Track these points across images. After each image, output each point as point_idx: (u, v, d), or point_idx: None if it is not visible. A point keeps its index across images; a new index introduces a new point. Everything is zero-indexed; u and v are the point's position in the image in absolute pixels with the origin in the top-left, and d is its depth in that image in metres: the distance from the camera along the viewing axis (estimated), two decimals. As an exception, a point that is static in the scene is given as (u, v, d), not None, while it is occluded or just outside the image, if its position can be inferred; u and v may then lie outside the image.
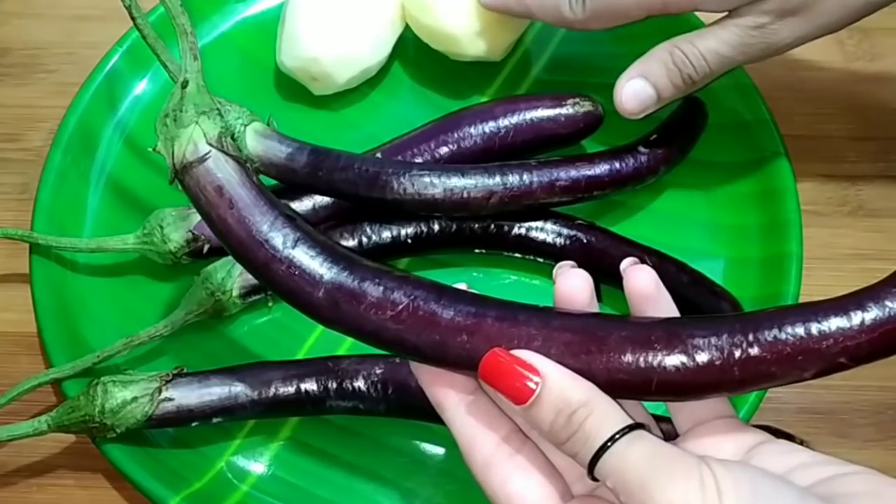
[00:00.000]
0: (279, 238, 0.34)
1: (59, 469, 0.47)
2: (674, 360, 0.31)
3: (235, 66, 0.57)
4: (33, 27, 0.61)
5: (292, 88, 0.56)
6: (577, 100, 0.51)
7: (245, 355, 0.46)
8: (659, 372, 0.31)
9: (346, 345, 0.49)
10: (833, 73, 0.59)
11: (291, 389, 0.44)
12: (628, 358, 0.31)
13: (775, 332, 0.30)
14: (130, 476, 0.43)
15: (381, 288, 0.33)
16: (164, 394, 0.43)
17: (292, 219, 0.35)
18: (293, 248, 0.34)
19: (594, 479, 0.30)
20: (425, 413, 0.45)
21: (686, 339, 0.31)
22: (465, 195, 0.47)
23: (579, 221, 0.50)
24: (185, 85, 0.37)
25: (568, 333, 0.32)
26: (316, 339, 0.49)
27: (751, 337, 0.30)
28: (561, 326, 0.32)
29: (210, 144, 0.36)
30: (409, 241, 0.49)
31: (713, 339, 0.30)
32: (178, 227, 0.48)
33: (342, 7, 0.53)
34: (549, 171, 0.48)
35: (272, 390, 0.44)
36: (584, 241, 0.49)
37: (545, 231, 0.49)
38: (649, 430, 0.30)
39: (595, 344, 0.31)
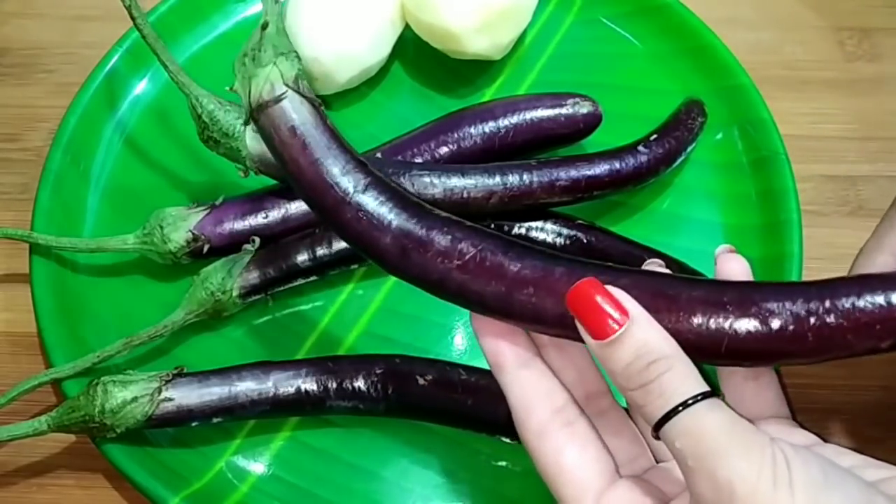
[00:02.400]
0: (350, 182, 0.34)
1: (59, 469, 0.47)
2: (746, 323, 0.30)
3: (235, 66, 0.57)
4: (33, 27, 0.61)
5: (292, 88, 0.56)
6: (577, 100, 0.51)
7: (245, 355, 0.46)
8: (730, 335, 0.30)
9: (346, 345, 0.49)
10: (833, 73, 0.59)
11: (291, 389, 0.44)
12: (698, 319, 0.30)
13: (853, 299, 0.29)
14: (130, 476, 0.43)
15: (449, 237, 0.33)
16: (164, 394, 0.43)
17: (364, 164, 0.35)
18: (363, 192, 0.34)
19: (657, 436, 0.30)
20: (425, 413, 0.45)
21: (760, 303, 0.30)
22: (465, 195, 0.47)
23: (579, 221, 0.50)
24: (265, 26, 0.37)
25: (636, 290, 0.31)
26: (316, 339, 0.49)
27: (827, 304, 0.29)
28: (630, 284, 0.31)
29: (287, 85, 0.36)
30: (409, 241, 0.49)
31: (788, 305, 0.30)
32: (178, 227, 0.48)
33: (342, 7, 0.53)
34: (549, 171, 0.48)
35: (272, 390, 0.44)
36: (584, 241, 0.49)
37: (545, 231, 0.49)
38: (726, 402, 0.30)
39: (665, 302, 0.31)
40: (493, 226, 0.49)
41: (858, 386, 0.48)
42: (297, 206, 0.49)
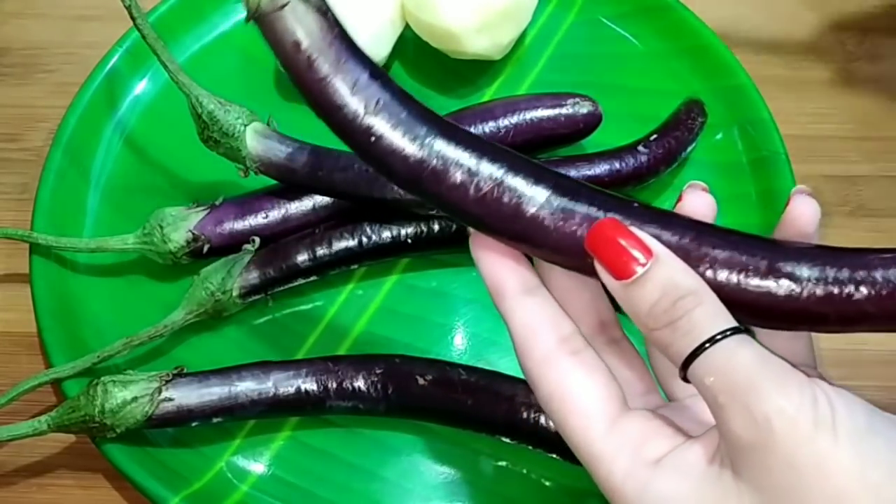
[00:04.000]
0: (360, 102, 0.31)
1: (59, 469, 0.47)
2: (772, 285, 0.29)
3: (235, 66, 0.57)
4: (33, 27, 0.61)
5: (292, 88, 0.55)
6: (577, 100, 0.51)
7: (245, 355, 0.46)
8: (757, 298, 0.29)
9: (346, 345, 0.49)
10: (833, 73, 0.59)
11: (291, 389, 0.44)
12: (724, 281, 0.29)
13: (885, 271, 0.28)
14: (130, 476, 0.43)
15: (467, 168, 0.31)
16: (164, 394, 0.43)
17: (380, 77, 0.32)
18: (375, 114, 0.31)
19: (685, 377, 0.28)
20: (425, 413, 0.45)
21: (789, 267, 0.29)
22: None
23: (579, 221, 0.50)
24: None
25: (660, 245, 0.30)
26: (316, 339, 0.49)
27: (861, 274, 0.28)
28: (655, 235, 0.30)
29: None
30: (409, 241, 0.49)
31: (818, 271, 0.29)
32: (178, 227, 0.48)
33: (342, 6, 0.53)
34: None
35: (272, 390, 0.44)
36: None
37: (545, 231, 0.49)
38: (757, 339, 0.29)
39: (688, 261, 0.29)
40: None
41: (857, 386, 0.48)
42: (297, 206, 0.49)
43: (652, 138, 0.51)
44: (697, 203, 0.33)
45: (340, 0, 0.53)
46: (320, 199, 0.49)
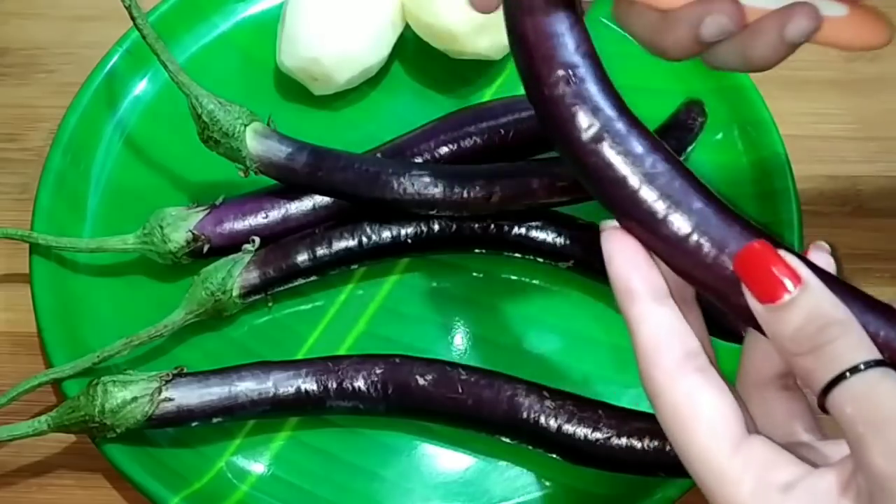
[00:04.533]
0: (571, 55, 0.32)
1: (59, 469, 0.47)
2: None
3: (235, 66, 0.57)
4: (33, 27, 0.60)
5: (292, 88, 0.56)
6: (577, 100, 0.51)
7: (245, 355, 0.46)
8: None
9: (346, 345, 0.49)
10: (833, 73, 0.59)
11: (291, 389, 0.44)
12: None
13: None
14: (130, 476, 0.43)
15: (644, 146, 0.31)
16: (164, 394, 0.43)
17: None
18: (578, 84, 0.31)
19: (822, 407, 0.28)
20: (425, 413, 0.45)
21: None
22: (465, 195, 0.47)
23: (579, 221, 0.50)
24: None
25: None
26: (316, 339, 0.49)
27: None
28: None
29: None
30: (409, 241, 0.49)
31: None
32: (178, 227, 0.48)
33: (342, 7, 0.53)
34: (549, 171, 0.48)
35: (272, 390, 0.44)
36: (584, 241, 0.49)
37: (545, 231, 0.49)
38: None
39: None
40: (492, 226, 0.49)
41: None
42: (297, 206, 0.49)
43: (652, 138, 0.51)
44: (820, 263, 0.32)
45: (341, 1, 0.54)
46: (320, 199, 0.49)
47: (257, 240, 0.48)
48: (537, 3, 0.32)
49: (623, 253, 0.31)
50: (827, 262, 0.32)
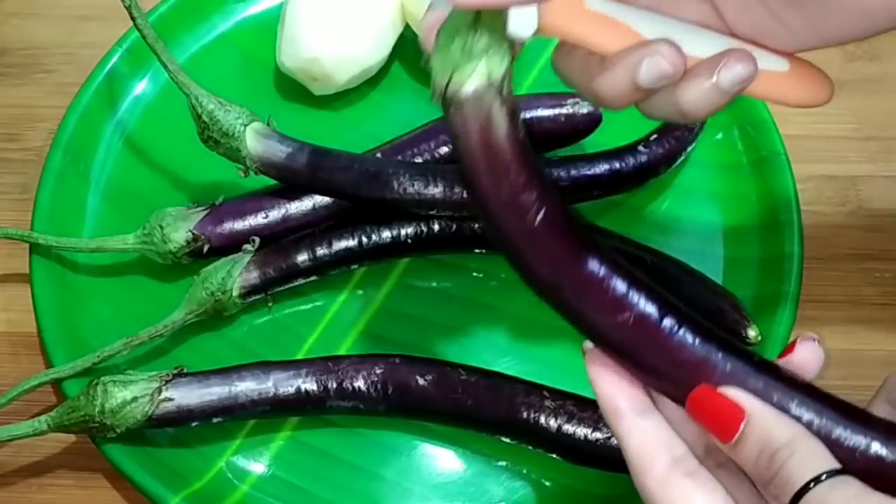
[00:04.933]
0: (530, 204, 0.32)
1: (59, 469, 0.47)
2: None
3: (235, 66, 0.57)
4: (33, 27, 0.60)
5: (292, 88, 0.56)
6: (576, 100, 0.51)
7: (245, 355, 0.46)
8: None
9: (346, 345, 0.49)
10: (833, 73, 0.59)
11: (291, 389, 0.44)
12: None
13: None
14: (130, 476, 0.43)
15: (610, 292, 0.32)
16: (164, 394, 0.43)
17: (548, 189, 0.33)
18: (536, 224, 0.32)
19: None
20: (425, 413, 0.45)
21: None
22: (465, 195, 0.47)
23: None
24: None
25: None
26: (316, 339, 0.49)
27: None
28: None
29: (492, 86, 0.32)
30: (409, 241, 0.49)
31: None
32: (178, 227, 0.48)
33: (342, 7, 0.53)
34: (549, 171, 0.48)
35: (272, 390, 0.44)
36: (584, 241, 0.49)
37: (545, 231, 0.49)
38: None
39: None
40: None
41: (856, 386, 0.48)
42: (297, 206, 0.49)
43: (652, 138, 0.51)
44: (809, 356, 0.33)
45: (341, 1, 0.54)
46: (320, 199, 0.49)
47: (257, 240, 0.48)
48: (484, 176, 0.32)
49: (606, 374, 0.33)
50: (816, 355, 0.34)
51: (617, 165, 0.50)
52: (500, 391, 0.44)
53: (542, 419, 0.43)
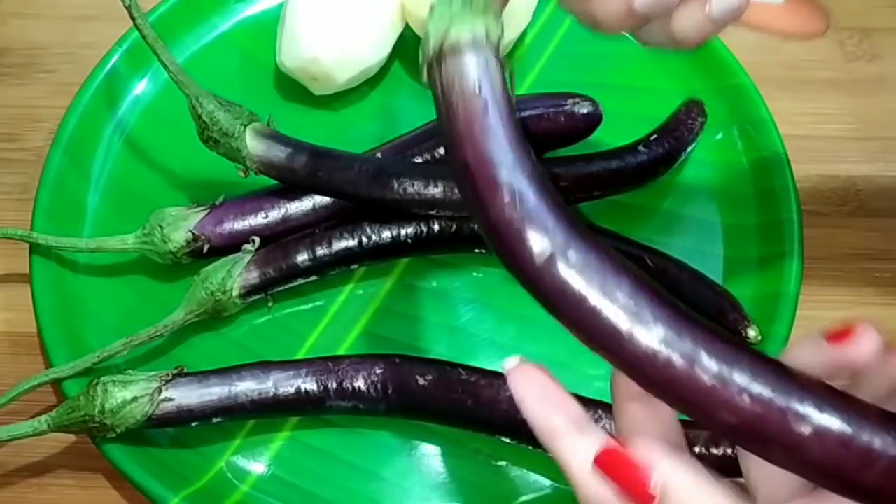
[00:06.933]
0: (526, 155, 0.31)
1: (59, 469, 0.47)
2: None
3: (235, 66, 0.57)
4: (33, 27, 0.61)
5: (292, 88, 0.56)
6: (577, 100, 0.51)
7: (245, 355, 0.46)
8: None
9: (346, 345, 0.49)
10: (833, 73, 0.59)
11: (291, 389, 0.44)
12: None
13: None
14: (130, 476, 0.43)
15: (600, 262, 0.30)
16: (164, 394, 0.43)
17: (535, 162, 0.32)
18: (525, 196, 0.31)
19: None
20: (425, 413, 0.45)
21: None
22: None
23: (579, 221, 0.50)
24: None
25: None
26: (316, 339, 0.49)
27: None
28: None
29: (490, 41, 0.31)
30: (409, 241, 0.49)
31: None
32: (178, 227, 0.48)
33: (342, 7, 0.53)
34: (549, 171, 0.48)
35: (272, 390, 0.44)
36: (584, 241, 0.49)
37: (545, 231, 0.49)
38: None
39: None
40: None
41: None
42: (297, 206, 0.49)
43: (652, 138, 0.51)
44: (868, 346, 0.30)
45: (341, 1, 0.54)
46: (320, 199, 0.49)
47: (257, 240, 0.48)
48: (476, 128, 0.31)
49: (533, 392, 0.31)
50: (874, 341, 0.29)
51: (617, 165, 0.50)
52: (500, 391, 0.44)
53: (542, 419, 0.43)
